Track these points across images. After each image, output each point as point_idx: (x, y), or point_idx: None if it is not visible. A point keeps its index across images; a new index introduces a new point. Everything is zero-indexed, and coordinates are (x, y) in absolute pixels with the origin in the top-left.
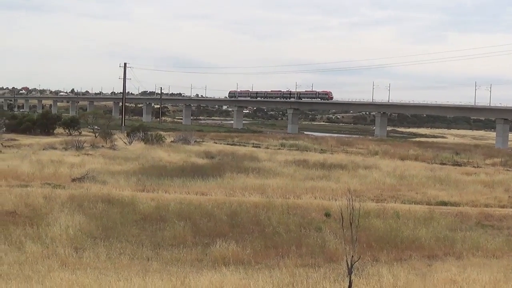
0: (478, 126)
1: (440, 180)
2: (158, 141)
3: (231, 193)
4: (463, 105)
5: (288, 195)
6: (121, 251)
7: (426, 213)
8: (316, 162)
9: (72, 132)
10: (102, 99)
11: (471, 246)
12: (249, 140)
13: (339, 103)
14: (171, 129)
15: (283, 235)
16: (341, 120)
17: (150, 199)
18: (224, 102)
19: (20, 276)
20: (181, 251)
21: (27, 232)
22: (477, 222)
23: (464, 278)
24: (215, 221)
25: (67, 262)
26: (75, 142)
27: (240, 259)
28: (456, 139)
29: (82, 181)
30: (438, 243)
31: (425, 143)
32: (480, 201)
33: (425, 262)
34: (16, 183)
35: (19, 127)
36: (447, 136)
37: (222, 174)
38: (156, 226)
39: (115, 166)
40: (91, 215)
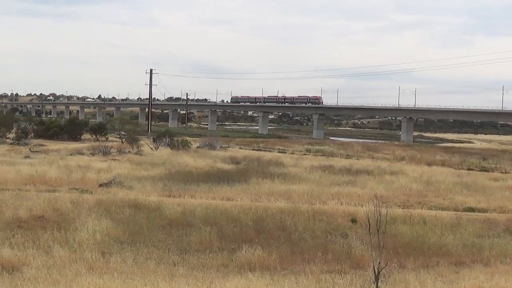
0: (505, 131)
1: (467, 186)
2: (184, 147)
3: (256, 198)
4: (490, 110)
5: (314, 200)
6: (148, 256)
7: (453, 220)
8: (342, 168)
9: (99, 138)
10: (129, 105)
11: (499, 253)
12: (275, 145)
13: (365, 108)
14: (197, 134)
15: (309, 241)
16: (366, 126)
17: (177, 204)
18: (250, 108)
19: (48, 280)
20: (207, 256)
21: (55, 236)
22: (505, 229)
23: (492, 285)
24: (241, 226)
25: (94, 266)
26: (102, 148)
27: (266, 264)
28: (483, 144)
29: (109, 186)
30: (465, 250)
31: (451, 149)
32: (508, 207)
33: (452, 269)
34: (44, 188)
35: (47, 132)
36: (474, 141)
37: (247, 180)
38: (182, 231)
39: (141, 172)
40: (118, 220)
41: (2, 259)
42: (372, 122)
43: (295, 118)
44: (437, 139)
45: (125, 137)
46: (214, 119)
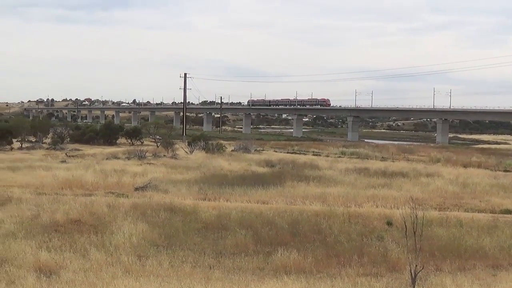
0: None
1: (504, 187)
2: (218, 150)
3: (292, 201)
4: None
5: (349, 203)
6: (184, 259)
7: (490, 222)
8: (377, 170)
9: (134, 142)
10: (163, 109)
11: None
12: (309, 148)
13: (400, 110)
14: (231, 138)
15: (344, 244)
16: (401, 127)
17: (212, 207)
18: (284, 111)
19: (85, 283)
20: (243, 259)
21: (91, 239)
22: None
23: None
24: (276, 229)
25: (131, 269)
26: (137, 152)
27: (302, 268)
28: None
29: (144, 190)
30: (502, 253)
31: (488, 150)
32: None
33: (489, 272)
34: (81, 192)
35: (83, 137)
36: (510, 142)
37: (282, 183)
38: (218, 234)
39: (177, 175)
40: (153, 224)
41: (40, 262)
42: (407, 124)
43: (329, 120)
44: (473, 140)
45: (160, 141)
46: (248, 122)
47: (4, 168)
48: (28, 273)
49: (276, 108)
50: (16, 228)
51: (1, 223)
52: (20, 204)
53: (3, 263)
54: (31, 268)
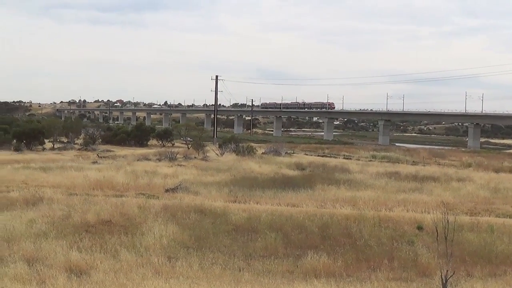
0: None
1: None
2: (249, 153)
3: (322, 205)
4: None
5: (380, 207)
6: (214, 261)
7: None
8: (408, 174)
9: (165, 144)
10: (194, 111)
11: None
12: (340, 151)
13: (431, 114)
14: (262, 140)
15: (374, 248)
16: (433, 132)
17: (242, 210)
18: (315, 114)
19: (115, 284)
20: (273, 262)
21: (122, 240)
22: None
23: None
24: (306, 233)
25: (161, 270)
26: (168, 153)
27: (332, 271)
28: None
29: (175, 192)
30: None
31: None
32: None
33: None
34: (112, 193)
35: (114, 138)
36: None
37: (313, 186)
38: (247, 237)
39: (207, 177)
40: (184, 225)
41: (71, 262)
42: (438, 128)
43: (360, 124)
44: (504, 145)
45: (191, 143)
46: (279, 125)
47: (36, 169)
48: (58, 273)
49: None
50: (47, 228)
51: (33, 223)
52: (52, 204)
53: (34, 263)
54: (62, 268)
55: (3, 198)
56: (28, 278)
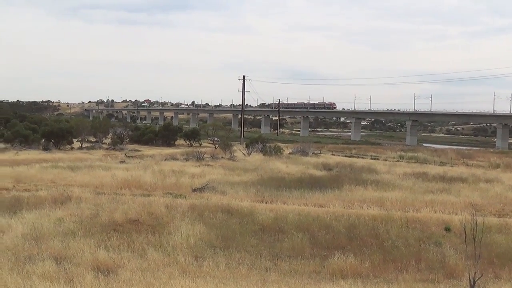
0: None
1: None
2: (276, 153)
3: (349, 205)
4: None
5: (407, 208)
6: (240, 261)
7: None
8: (435, 175)
9: (192, 144)
10: (222, 111)
11: None
12: (367, 152)
13: (459, 114)
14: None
15: (402, 249)
16: (460, 132)
17: (269, 210)
18: (342, 114)
19: (142, 282)
20: (299, 262)
21: (149, 239)
22: None
23: None
24: (333, 233)
25: (188, 270)
26: (195, 153)
27: (359, 272)
28: None
29: (202, 191)
30: None
31: None
32: None
33: None
34: (139, 192)
35: (142, 138)
36: None
37: (340, 186)
38: (274, 237)
39: (234, 177)
40: (211, 225)
41: (98, 261)
42: (466, 129)
43: (387, 124)
44: None
45: (218, 143)
46: (306, 125)
47: (65, 168)
48: (86, 271)
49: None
50: (75, 227)
51: (61, 221)
52: (80, 203)
53: (62, 261)
54: (89, 266)
55: (32, 197)
56: (56, 276)
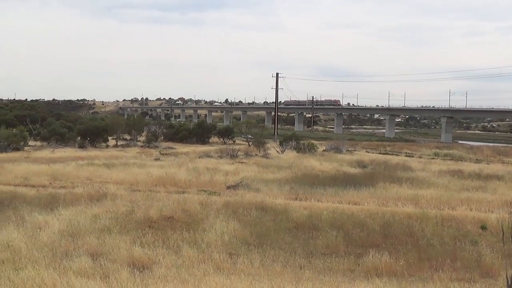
0: None
1: None
2: (310, 150)
3: (383, 203)
4: None
5: (443, 206)
6: (274, 258)
7: None
8: (471, 173)
9: (226, 141)
10: (255, 108)
11: None
12: (402, 149)
13: (495, 110)
14: (322, 138)
15: (437, 248)
16: (496, 129)
17: (303, 207)
18: (376, 111)
19: (177, 279)
20: (333, 260)
21: (184, 236)
22: None
23: None
24: (367, 231)
25: (222, 267)
26: (229, 151)
27: (393, 270)
28: None
29: (236, 189)
30: None
31: None
32: None
33: None
34: (174, 189)
35: (176, 136)
36: None
37: (374, 184)
38: (308, 234)
39: (268, 174)
40: (245, 222)
41: (133, 257)
42: (502, 125)
43: (422, 121)
44: None
45: (252, 140)
46: (340, 122)
47: (100, 165)
48: (122, 267)
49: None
50: (111, 223)
51: (97, 218)
52: (115, 200)
53: (98, 257)
54: (125, 262)
55: (68, 194)
56: (92, 273)
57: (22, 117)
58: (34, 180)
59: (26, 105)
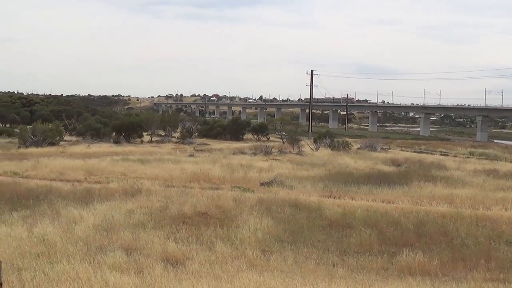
0: None
1: None
2: (344, 148)
3: (418, 202)
4: None
5: (477, 206)
6: (308, 256)
7: None
8: (507, 172)
9: (260, 138)
10: (289, 105)
11: None
12: (436, 147)
13: None
14: (357, 135)
15: (471, 247)
16: None
17: (337, 205)
18: (411, 109)
19: (210, 275)
20: (367, 258)
21: (217, 233)
22: None
23: None
24: (401, 230)
25: (255, 263)
26: (263, 148)
27: (427, 270)
28: None
29: (270, 186)
30: None
31: None
32: None
33: None
34: (208, 185)
35: (211, 132)
36: None
37: (408, 182)
38: (342, 232)
39: (302, 172)
40: (278, 219)
41: (167, 253)
42: None
43: (457, 119)
44: None
45: (286, 137)
46: (374, 120)
47: (135, 161)
48: (155, 262)
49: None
50: (145, 219)
51: (131, 213)
52: (150, 195)
53: (132, 252)
54: (159, 258)
55: (103, 189)
56: (126, 267)
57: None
58: (70, 175)
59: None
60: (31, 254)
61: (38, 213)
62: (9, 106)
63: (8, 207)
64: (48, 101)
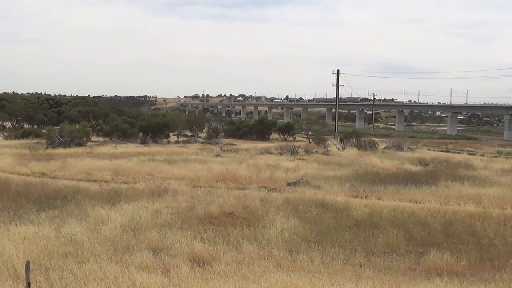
0: None
1: None
2: (371, 147)
3: (445, 201)
4: None
5: (505, 205)
6: (334, 256)
7: None
8: None
9: (286, 138)
10: (315, 105)
11: None
12: (464, 147)
13: None
14: (383, 135)
15: (499, 248)
16: None
17: (364, 205)
18: (438, 108)
19: (237, 275)
20: (394, 259)
21: (244, 233)
22: None
23: None
24: (428, 230)
25: (282, 264)
26: (289, 147)
27: (454, 270)
28: None
29: (296, 186)
30: None
31: None
32: None
33: None
34: (234, 185)
35: (237, 132)
36: None
37: (436, 182)
38: (369, 232)
39: (328, 172)
40: (305, 219)
41: (194, 253)
42: None
43: (484, 118)
44: None
45: (312, 137)
46: (401, 119)
47: (161, 161)
48: (182, 262)
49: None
50: (172, 219)
51: (158, 213)
52: (176, 195)
53: (159, 252)
54: (186, 258)
55: (130, 189)
56: (153, 267)
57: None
58: (97, 175)
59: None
60: (59, 254)
61: (66, 213)
62: (37, 107)
63: (36, 207)
64: (75, 102)
